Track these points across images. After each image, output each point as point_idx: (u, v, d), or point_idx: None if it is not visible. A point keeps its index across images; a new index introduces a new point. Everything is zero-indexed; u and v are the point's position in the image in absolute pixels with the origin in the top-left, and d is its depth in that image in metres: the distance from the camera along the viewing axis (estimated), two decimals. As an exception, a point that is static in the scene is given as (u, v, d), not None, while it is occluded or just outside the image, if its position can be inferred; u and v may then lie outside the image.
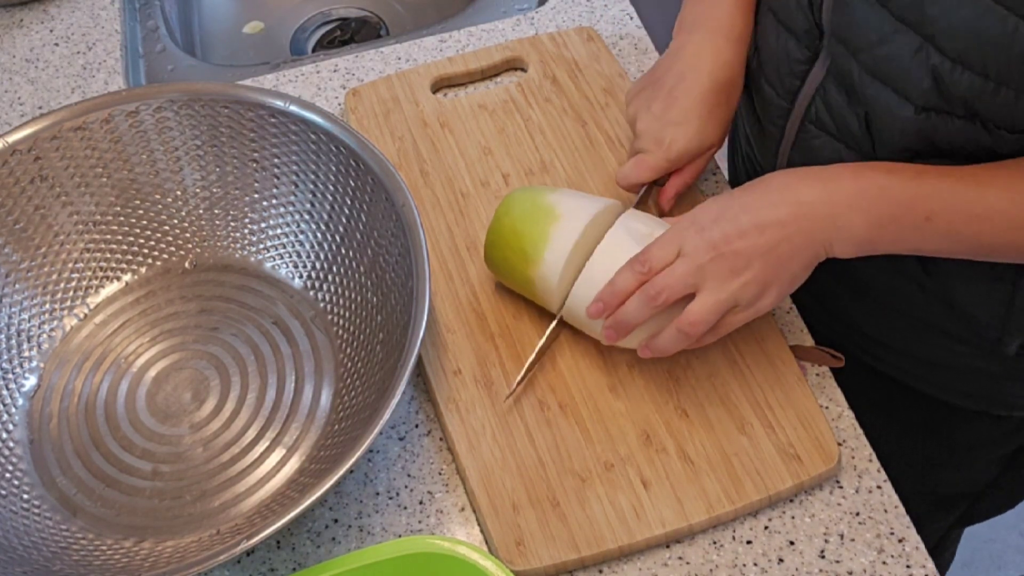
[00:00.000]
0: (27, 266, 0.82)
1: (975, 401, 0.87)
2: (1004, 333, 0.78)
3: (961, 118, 0.66)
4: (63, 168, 0.82)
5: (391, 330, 0.74)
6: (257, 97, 0.82)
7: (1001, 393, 0.85)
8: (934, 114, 0.66)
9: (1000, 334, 0.79)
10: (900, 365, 0.87)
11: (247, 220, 0.85)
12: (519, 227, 0.75)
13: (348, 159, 0.79)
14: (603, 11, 1.04)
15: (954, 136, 0.67)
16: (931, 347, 0.84)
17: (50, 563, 0.69)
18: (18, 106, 1.01)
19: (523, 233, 0.75)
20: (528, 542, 0.69)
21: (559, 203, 0.76)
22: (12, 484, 0.74)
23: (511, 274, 0.77)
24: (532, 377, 0.77)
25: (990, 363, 0.82)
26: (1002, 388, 0.85)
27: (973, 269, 0.74)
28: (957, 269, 0.74)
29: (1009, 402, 0.86)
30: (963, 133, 0.66)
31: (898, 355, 0.87)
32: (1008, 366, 0.82)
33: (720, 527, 0.71)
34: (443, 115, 0.94)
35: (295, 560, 0.72)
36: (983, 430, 0.90)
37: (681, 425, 0.74)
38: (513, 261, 0.76)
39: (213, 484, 0.75)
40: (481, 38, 1.03)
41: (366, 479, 0.75)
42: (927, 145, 0.69)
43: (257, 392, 0.79)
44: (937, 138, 0.68)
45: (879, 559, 0.69)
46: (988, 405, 0.87)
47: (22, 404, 0.79)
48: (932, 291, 0.79)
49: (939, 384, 0.87)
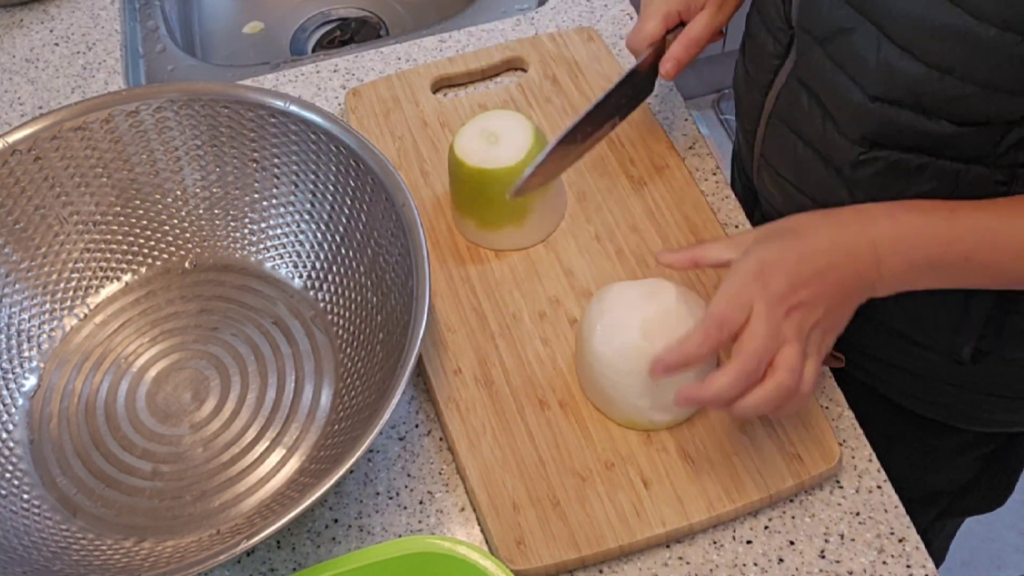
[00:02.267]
0: (27, 266, 0.82)
1: (939, 411, 0.87)
2: (956, 335, 0.79)
3: (909, 109, 0.66)
4: (63, 168, 0.82)
5: (391, 330, 0.74)
6: (257, 97, 0.82)
7: (963, 403, 0.85)
8: (886, 104, 0.67)
9: (953, 337, 0.79)
10: (864, 366, 0.87)
11: (247, 220, 0.85)
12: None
13: (348, 159, 0.79)
14: (603, 11, 1.04)
15: (905, 128, 0.67)
16: (897, 352, 0.84)
17: (50, 563, 0.69)
18: (18, 106, 1.01)
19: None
20: (528, 541, 0.69)
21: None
22: (12, 484, 0.74)
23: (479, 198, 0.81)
24: (532, 376, 0.77)
25: (948, 369, 0.82)
26: (968, 400, 0.84)
27: None
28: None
29: (972, 415, 0.86)
30: (913, 125, 0.67)
31: (871, 360, 0.86)
32: (966, 374, 0.82)
33: (720, 527, 0.71)
34: (443, 115, 0.94)
35: (295, 560, 0.72)
36: (954, 439, 0.90)
37: (682, 424, 0.74)
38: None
39: (213, 484, 0.75)
40: (481, 38, 1.02)
41: (366, 479, 0.75)
42: (881, 136, 0.69)
43: (257, 392, 0.79)
44: (890, 129, 0.68)
45: (879, 559, 0.69)
46: (948, 417, 0.87)
47: (22, 404, 0.79)
48: (894, 295, 0.79)
49: (900, 389, 0.87)
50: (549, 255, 0.84)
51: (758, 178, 0.86)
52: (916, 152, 0.69)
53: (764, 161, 0.83)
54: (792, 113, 0.76)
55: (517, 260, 0.84)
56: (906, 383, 0.86)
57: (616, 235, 0.84)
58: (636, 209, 0.86)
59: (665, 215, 0.85)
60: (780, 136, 0.79)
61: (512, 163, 0.79)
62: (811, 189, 0.78)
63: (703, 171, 0.90)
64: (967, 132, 0.66)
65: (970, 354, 0.79)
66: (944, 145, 0.67)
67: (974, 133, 0.66)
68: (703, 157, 0.91)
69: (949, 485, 0.98)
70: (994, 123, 0.65)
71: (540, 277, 0.82)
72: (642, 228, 0.85)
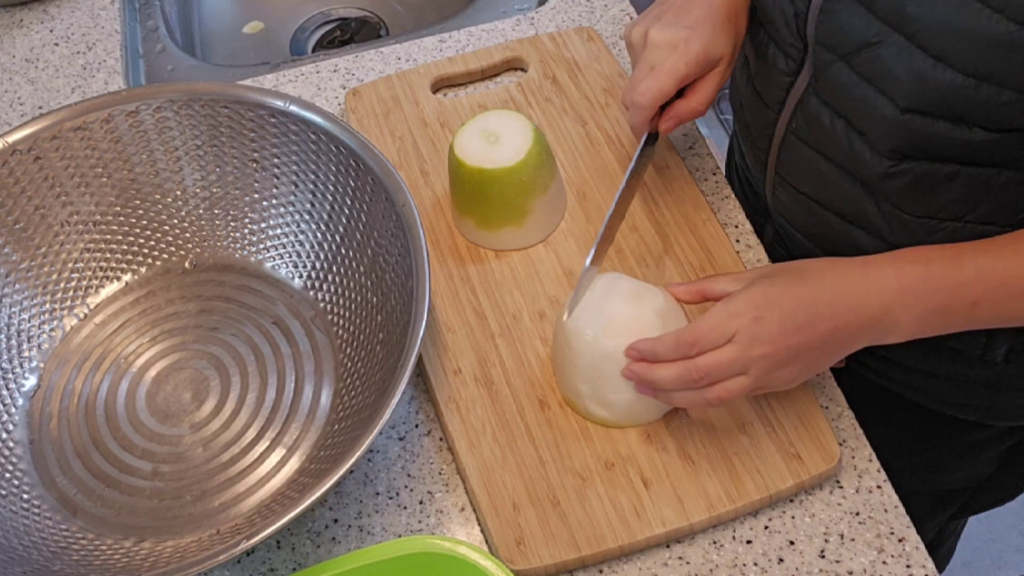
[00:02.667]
0: (27, 266, 0.82)
1: (972, 411, 0.87)
2: (990, 340, 0.79)
3: (944, 119, 0.66)
4: (63, 168, 0.82)
5: (391, 330, 0.74)
6: (257, 97, 0.82)
7: (996, 403, 0.85)
8: (919, 116, 0.66)
9: (987, 341, 0.79)
10: (892, 375, 0.87)
11: (247, 220, 0.85)
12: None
13: (348, 159, 0.79)
14: (603, 11, 1.04)
15: (937, 138, 0.67)
16: (921, 357, 0.84)
17: (50, 563, 0.69)
18: (18, 106, 1.01)
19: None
20: (528, 541, 0.69)
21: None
22: (12, 484, 0.74)
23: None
24: (532, 376, 0.77)
25: (980, 372, 0.82)
26: (997, 398, 0.84)
27: None
28: None
29: (1005, 413, 0.86)
30: (946, 135, 0.66)
31: (890, 365, 0.87)
32: (998, 373, 0.82)
33: (720, 527, 0.71)
34: (443, 115, 0.94)
35: (295, 560, 0.72)
36: (979, 435, 0.90)
37: (681, 424, 0.74)
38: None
39: (213, 484, 0.75)
40: (481, 38, 1.02)
41: (366, 479, 0.75)
42: (912, 148, 0.69)
43: (257, 392, 0.79)
44: (921, 141, 0.68)
45: (879, 559, 0.69)
46: (984, 416, 0.87)
47: (22, 404, 0.79)
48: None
49: (933, 395, 0.87)
50: (549, 255, 0.84)
51: (773, 197, 0.85)
52: (947, 161, 0.68)
53: (781, 179, 0.82)
54: (813, 131, 0.75)
55: (517, 260, 0.84)
56: (941, 388, 0.86)
57: (616, 235, 0.84)
58: (636, 209, 0.86)
59: (665, 215, 0.85)
60: (799, 154, 0.78)
61: (512, 163, 0.79)
62: (837, 204, 0.77)
63: (703, 171, 0.90)
64: (1001, 138, 0.65)
65: (1004, 355, 0.79)
66: (976, 152, 0.67)
67: (1009, 139, 0.65)
68: (703, 157, 0.91)
69: (969, 482, 0.98)
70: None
71: (540, 277, 0.82)
72: (642, 228, 0.85)
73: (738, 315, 0.66)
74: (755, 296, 0.66)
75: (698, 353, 0.66)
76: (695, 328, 0.66)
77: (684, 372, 0.66)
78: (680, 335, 0.67)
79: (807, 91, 0.74)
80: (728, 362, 0.65)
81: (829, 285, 0.67)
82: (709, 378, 0.66)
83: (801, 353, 0.66)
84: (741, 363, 0.65)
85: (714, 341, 0.66)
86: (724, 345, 0.65)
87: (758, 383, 0.67)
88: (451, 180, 0.83)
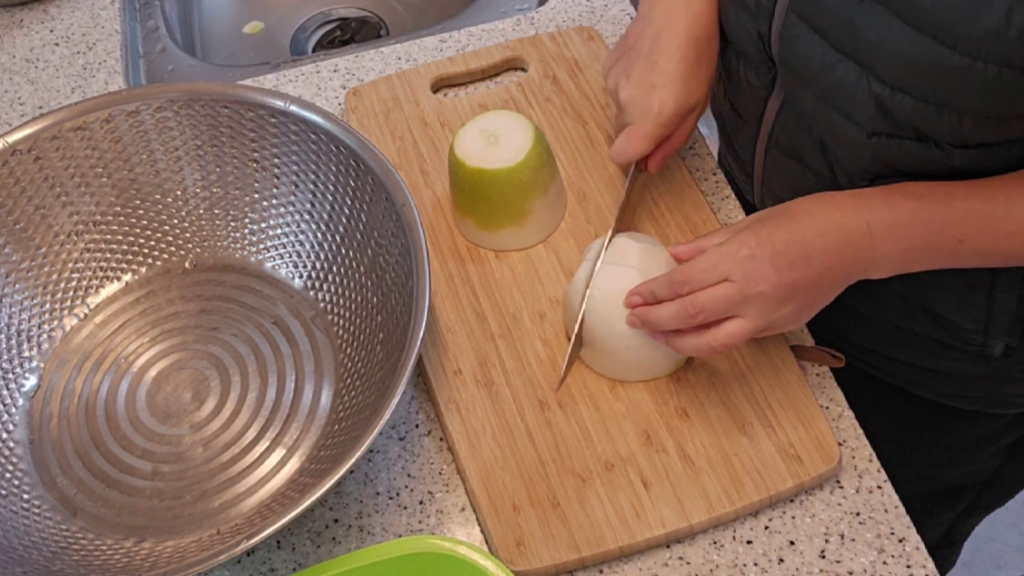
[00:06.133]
0: (27, 266, 0.82)
1: (971, 402, 0.87)
2: (987, 336, 0.79)
3: (911, 139, 0.66)
4: (63, 168, 0.82)
5: (391, 330, 0.74)
6: (257, 97, 0.82)
7: (997, 394, 0.86)
8: (885, 138, 0.67)
9: (984, 338, 0.79)
10: (892, 371, 0.88)
11: (247, 220, 0.85)
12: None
13: (348, 159, 0.79)
14: (603, 11, 1.04)
15: (908, 157, 0.67)
16: (920, 354, 0.84)
17: (50, 563, 0.69)
18: (18, 106, 1.01)
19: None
20: (528, 542, 0.69)
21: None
22: (12, 484, 0.74)
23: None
24: (532, 377, 0.77)
25: (980, 366, 0.82)
26: (997, 388, 0.85)
27: (949, 278, 0.74)
28: (934, 280, 0.75)
29: (1006, 401, 0.87)
30: (916, 153, 0.67)
31: (890, 362, 0.87)
32: (997, 366, 0.82)
33: (720, 527, 0.71)
34: (443, 115, 0.94)
35: (295, 560, 0.72)
36: (983, 427, 0.90)
37: (681, 425, 0.74)
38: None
39: (213, 484, 0.75)
40: (481, 38, 1.02)
41: (366, 479, 0.75)
42: (884, 167, 0.69)
43: (257, 392, 0.79)
44: (892, 160, 0.68)
45: (879, 559, 0.69)
46: (985, 405, 0.87)
47: (22, 404, 0.79)
48: (912, 301, 0.80)
49: (934, 388, 0.87)
50: (549, 255, 0.84)
51: (762, 205, 0.85)
52: (921, 177, 0.68)
53: (768, 190, 0.83)
54: (793, 145, 0.76)
55: (517, 260, 0.84)
56: (940, 383, 0.86)
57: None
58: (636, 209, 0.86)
59: (665, 215, 0.85)
60: (783, 165, 0.78)
61: (512, 163, 0.79)
62: None
63: (703, 171, 0.90)
64: (972, 154, 0.65)
65: (1001, 350, 0.80)
66: (948, 166, 0.67)
67: (979, 153, 0.65)
68: (703, 157, 0.91)
69: (975, 476, 0.98)
70: (1005, 144, 0.65)
71: (540, 277, 0.82)
72: (642, 228, 0.85)
73: (730, 255, 0.67)
74: (747, 237, 0.67)
75: (690, 291, 0.67)
76: (688, 267, 0.68)
77: (681, 308, 0.67)
78: (672, 274, 0.69)
79: (783, 107, 0.75)
80: (724, 298, 0.66)
81: (820, 218, 0.67)
82: (706, 315, 0.67)
83: (798, 289, 0.66)
84: (737, 301, 0.66)
85: (707, 279, 0.67)
86: (719, 283, 0.66)
87: (759, 325, 0.67)
88: (451, 180, 0.83)
